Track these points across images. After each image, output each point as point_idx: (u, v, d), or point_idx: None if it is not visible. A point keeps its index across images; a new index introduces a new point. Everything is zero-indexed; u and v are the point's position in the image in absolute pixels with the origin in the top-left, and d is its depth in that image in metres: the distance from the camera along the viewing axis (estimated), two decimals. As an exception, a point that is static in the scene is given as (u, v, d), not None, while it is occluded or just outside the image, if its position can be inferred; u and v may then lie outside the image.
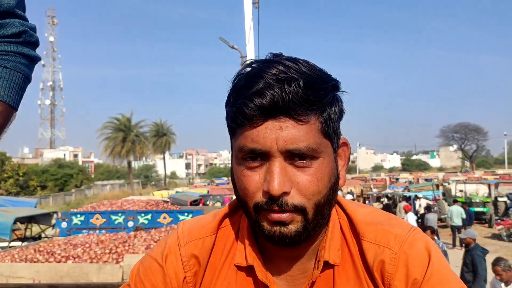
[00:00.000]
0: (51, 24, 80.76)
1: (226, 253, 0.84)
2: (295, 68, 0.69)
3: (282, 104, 0.67)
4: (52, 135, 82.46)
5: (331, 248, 0.80)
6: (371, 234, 0.80)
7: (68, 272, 5.15)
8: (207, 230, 0.85)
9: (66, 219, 12.14)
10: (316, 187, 0.71)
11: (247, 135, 0.71)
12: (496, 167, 76.54)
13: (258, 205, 0.71)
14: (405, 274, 0.76)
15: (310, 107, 0.69)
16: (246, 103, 0.69)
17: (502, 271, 5.46)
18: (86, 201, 36.70)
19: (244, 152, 0.72)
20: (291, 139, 0.69)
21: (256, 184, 0.71)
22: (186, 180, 71.05)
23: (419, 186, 27.21)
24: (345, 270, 0.80)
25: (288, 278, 0.82)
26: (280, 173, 0.69)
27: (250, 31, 10.97)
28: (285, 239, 0.72)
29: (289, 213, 0.70)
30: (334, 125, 0.74)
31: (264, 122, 0.69)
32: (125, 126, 41.62)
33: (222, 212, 0.88)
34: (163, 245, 0.86)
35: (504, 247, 14.40)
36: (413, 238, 0.79)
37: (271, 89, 0.67)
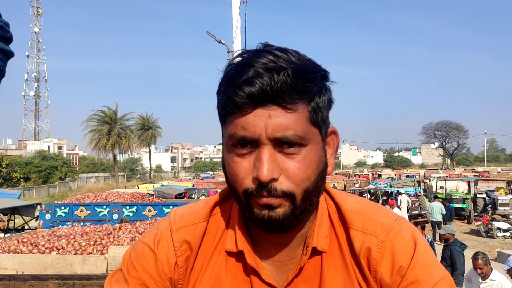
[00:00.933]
0: (36, 15, 79.32)
1: (217, 239, 0.86)
2: (285, 57, 0.71)
3: (271, 92, 0.69)
4: (36, 126, 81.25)
5: (319, 235, 0.81)
6: (358, 222, 0.81)
7: (52, 264, 5.16)
8: (198, 216, 0.86)
9: (50, 211, 12.07)
10: (305, 173, 0.73)
11: (237, 123, 0.72)
12: (476, 164, 77.80)
13: (248, 191, 0.73)
14: (391, 261, 0.78)
15: (298, 96, 0.70)
16: (236, 91, 0.70)
17: (484, 265, 5.61)
18: (70, 193, 36.33)
19: (234, 139, 0.73)
20: (279, 127, 0.70)
21: (246, 171, 0.73)
22: (171, 173, 70.73)
23: (401, 182, 27.57)
24: (333, 257, 0.82)
25: (277, 264, 0.84)
26: (269, 160, 0.70)
27: (237, 26, 10.99)
28: (274, 222, 0.73)
29: (278, 198, 0.72)
30: (322, 114, 0.75)
31: (253, 110, 0.70)
32: (110, 119, 41.23)
33: (214, 199, 0.89)
34: (155, 231, 0.87)
35: (482, 243, 14.75)
36: (400, 227, 0.81)
37: (261, 78, 0.69)
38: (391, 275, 0.78)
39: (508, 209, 18.78)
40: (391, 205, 16.38)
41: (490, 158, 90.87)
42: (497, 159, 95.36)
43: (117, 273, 0.88)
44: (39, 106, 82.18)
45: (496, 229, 15.66)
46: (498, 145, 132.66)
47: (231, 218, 0.87)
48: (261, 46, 0.75)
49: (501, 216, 18.79)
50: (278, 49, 0.73)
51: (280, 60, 0.70)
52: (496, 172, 44.33)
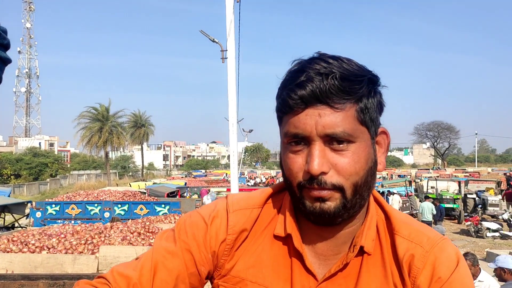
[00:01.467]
0: (28, 10, 78.55)
1: (266, 224, 0.92)
2: (335, 64, 0.78)
3: (320, 94, 0.76)
4: (27, 123, 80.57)
5: (367, 237, 0.86)
6: (406, 231, 0.87)
7: (43, 263, 5.14)
8: (255, 202, 0.94)
9: (41, 209, 12.00)
10: (353, 168, 0.78)
11: (291, 122, 0.80)
12: (466, 165, 78.42)
13: (300, 184, 0.80)
14: (431, 272, 0.83)
15: (346, 97, 0.77)
16: (289, 94, 0.79)
17: (472, 266, 5.68)
18: (61, 190, 36.10)
19: (289, 137, 0.81)
20: (328, 125, 0.77)
21: (299, 166, 0.80)
22: (163, 171, 70.51)
23: (392, 182, 27.72)
24: (373, 260, 0.87)
25: (320, 257, 0.88)
26: (319, 155, 0.77)
27: (231, 25, 10.96)
28: (325, 214, 0.79)
29: (328, 191, 0.78)
30: (371, 114, 0.81)
31: (304, 110, 0.78)
32: (102, 116, 40.98)
33: (269, 190, 0.97)
34: (212, 207, 0.95)
35: (472, 243, 14.87)
36: (446, 244, 0.86)
37: (312, 82, 0.77)
38: (429, 285, 0.83)
39: (497, 210, 18.98)
40: None
41: (481, 158, 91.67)
42: (487, 159, 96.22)
43: (168, 232, 0.95)
44: (30, 102, 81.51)
45: (486, 229, 15.80)
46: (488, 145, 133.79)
47: (282, 208, 0.93)
48: (316, 55, 0.82)
49: (490, 216, 18.98)
50: (330, 57, 0.80)
51: (331, 65, 0.78)
52: (487, 173, 44.69)
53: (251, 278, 0.89)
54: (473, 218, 16.58)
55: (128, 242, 5.95)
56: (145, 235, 6.42)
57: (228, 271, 0.91)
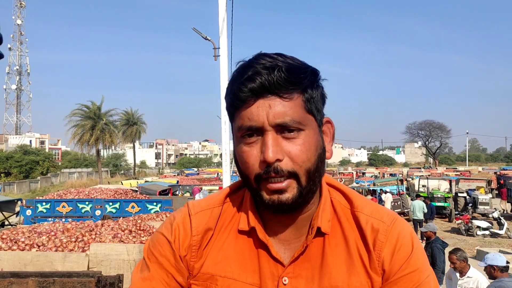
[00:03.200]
0: (18, 7, 77.78)
1: (229, 220, 0.96)
2: (280, 59, 0.83)
3: (269, 85, 0.81)
4: (18, 120, 79.83)
5: (323, 218, 0.92)
6: (367, 209, 0.94)
7: (32, 260, 5.09)
8: (214, 202, 0.98)
9: (31, 207, 11.89)
10: (305, 155, 0.83)
11: (243, 115, 0.84)
12: (457, 164, 79.01)
13: (257, 175, 0.84)
14: (394, 244, 0.90)
15: (292, 87, 0.82)
16: (240, 88, 0.83)
17: (457, 260, 5.74)
18: (52, 188, 35.85)
19: (243, 130, 0.84)
20: (278, 114, 0.81)
21: (254, 158, 0.84)
22: (155, 170, 70.27)
23: (384, 180, 27.86)
24: (335, 239, 0.92)
25: (284, 242, 0.93)
26: (273, 143, 0.81)
27: (224, 23, 10.94)
28: (283, 205, 0.84)
29: (285, 180, 0.83)
30: (316, 104, 0.86)
31: (255, 101, 0.82)
32: (94, 114, 40.72)
33: (227, 189, 1.01)
34: (170, 221, 0.97)
35: (462, 241, 15.00)
36: (401, 220, 0.94)
37: (260, 75, 0.81)
38: (392, 257, 0.89)
39: (487, 208, 19.14)
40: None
41: (472, 157, 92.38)
42: (478, 158, 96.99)
43: (140, 262, 0.99)
44: (21, 99, 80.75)
45: (476, 228, 15.94)
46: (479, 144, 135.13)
47: (243, 203, 0.98)
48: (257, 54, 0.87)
49: (481, 215, 19.13)
50: (275, 54, 0.86)
51: (276, 60, 0.83)
52: (477, 172, 45.04)
53: (220, 273, 0.93)
54: (463, 217, 16.71)
55: (119, 239, 5.92)
56: (137, 232, 6.38)
57: (198, 270, 0.94)
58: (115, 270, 4.98)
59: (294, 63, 0.84)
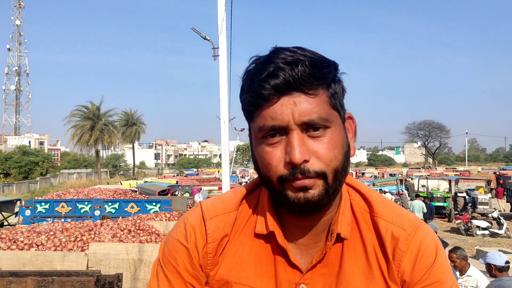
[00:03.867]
0: (17, 7, 77.75)
1: (244, 223, 0.92)
2: (300, 52, 0.79)
3: (294, 81, 0.76)
4: (17, 121, 79.77)
5: (342, 223, 0.87)
6: (388, 214, 0.89)
7: (31, 260, 5.08)
8: (230, 206, 0.93)
9: (30, 207, 11.88)
10: (333, 153, 0.79)
11: (265, 114, 0.78)
12: (457, 164, 79.11)
13: (282, 177, 0.79)
14: (415, 254, 0.85)
15: (317, 82, 0.78)
16: (262, 85, 0.77)
17: (457, 259, 5.75)
18: (51, 189, 35.79)
19: (265, 130, 0.79)
20: (304, 112, 0.77)
21: (278, 158, 0.79)
22: (155, 170, 70.26)
23: (384, 180, 27.86)
24: (354, 245, 0.88)
25: (302, 247, 0.89)
26: (300, 143, 0.77)
27: (223, 23, 10.93)
28: (310, 203, 0.79)
29: (312, 179, 0.78)
30: (340, 99, 0.83)
31: (279, 99, 0.77)
32: (93, 114, 40.67)
33: (243, 190, 0.96)
34: (183, 225, 0.93)
35: (462, 241, 14.99)
36: (424, 226, 0.89)
37: (282, 70, 0.76)
38: (413, 267, 0.85)
39: (487, 208, 19.13)
40: None
41: (471, 157, 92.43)
42: (477, 158, 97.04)
43: (157, 270, 0.94)
44: (20, 100, 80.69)
45: (476, 227, 15.93)
46: (478, 144, 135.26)
47: (259, 205, 0.93)
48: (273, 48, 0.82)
49: (480, 215, 19.12)
50: (293, 47, 0.81)
51: (297, 54, 0.78)
52: (477, 172, 45.07)
53: (234, 279, 0.89)
54: (463, 217, 16.70)
55: (118, 239, 5.91)
56: (136, 232, 6.38)
57: (213, 278, 0.91)
58: (114, 270, 4.97)
59: (316, 56, 0.80)
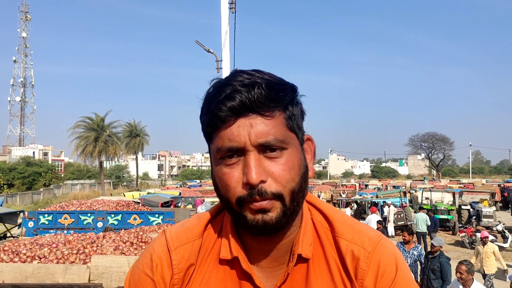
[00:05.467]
0: (24, 20, 78.81)
1: (210, 250, 0.91)
2: (258, 75, 0.80)
3: (250, 103, 0.77)
4: (21, 132, 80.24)
5: (303, 243, 0.87)
6: (348, 234, 0.89)
7: (34, 273, 5.08)
8: (194, 234, 0.92)
9: (33, 218, 11.88)
10: (289, 175, 0.79)
11: (223, 136, 0.79)
12: (461, 176, 78.77)
13: (240, 198, 0.78)
14: (376, 271, 0.86)
15: (273, 104, 0.79)
16: (219, 106, 0.78)
17: (466, 272, 5.72)
18: (55, 200, 35.82)
19: (222, 151, 0.79)
20: (261, 133, 0.77)
21: (236, 180, 0.79)
22: (158, 181, 70.24)
23: (387, 193, 27.69)
24: (318, 264, 0.88)
25: (266, 270, 0.89)
26: (256, 164, 0.77)
27: (226, 36, 11.04)
28: (267, 226, 0.79)
29: (270, 201, 0.78)
30: (297, 122, 0.83)
31: (236, 120, 0.78)
32: (98, 125, 40.83)
33: (206, 216, 0.95)
34: (148, 256, 0.92)
35: (466, 254, 14.86)
36: (384, 242, 0.89)
37: (239, 93, 0.77)
38: (375, 285, 0.86)
39: (491, 221, 19.00)
40: (372, 211, 17.20)
41: (475, 169, 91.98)
42: (482, 171, 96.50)
43: None
44: (25, 111, 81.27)
45: (480, 241, 15.80)
46: (483, 157, 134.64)
47: (223, 230, 0.92)
48: (233, 71, 0.83)
49: (485, 228, 18.99)
50: (251, 70, 0.82)
51: (254, 77, 0.79)
52: (481, 184, 44.81)
53: None
54: (467, 230, 16.58)
55: (121, 252, 5.90)
56: (138, 244, 6.36)
57: None
58: (116, 283, 4.96)
59: (273, 79, 0.81)
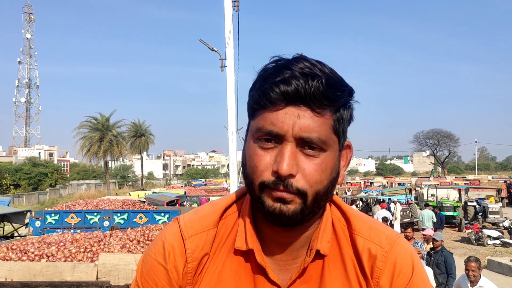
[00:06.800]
0: (28, 21, 79.16)
1: (225, 238, 0.90)
2: (319, 67, 0.77)
3: (304, 94, 0.74)
4: (27, 133, 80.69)
5: (323, 239, 0.86)
6: (365, 231, 0.88)
7: (42, 271, 5.12)
8: (209, 223, 0.90)
9: (40, 218, 11.98)
10: (319, 176, 0.78)
11: (267, 117, 0.77)
12: (466, 172, 78.45)
13: (264, 183, 0.77)
14: (392, 270, 0.86)
15: (327, 103, 0.76)
16: (272, 87, 0.76)
17: (477, 268, 5.73)
18: (61, 200, 36.02)
19: (262, 132, 0.78)
20: (306, 127, 0.75)
21: (266, 164, 0.77)
22: (163, 181, 70.43)
23: (393, 190, 27.65)
24: (334, 261, 0.88)
25: (280, 263, 0.88)
26: (290, 157, 0.75)
27: (230, 34, 11.04)
28: (283, 216, 0.78)
29: (292, 194, 0.76)
30: (344, 126, 0.81)
31: (285, 107, 0.76)
32: (102, 126, 40.99)
33: (222, 204, 0.93)
34: (161, 244, 0.90)
35: (473, 251, 14.82)
36: (401, 241, 0.90)
37: (297, 80, 0.75)
38: (391, 284, 0.86)
39: (498, 217, 18.93)
40: (382, 207, 17.24)
41: (481, 166, 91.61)
42: (487, 167, 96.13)
43: None
44: (30, 112, 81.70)
45: (487, 237, 15.76)
46: (488, 153, 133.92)
47: (241, 217, 0.91)
48: (296, 55, 0.81)
49: (491, 224, 18.92)
50: (315, 60, 0.79)
51: (316, 68, 0.77)
52: (487, 180, 44.65)
53: None
54: (473, 226, 16.54)
55: (128, 250, 5.94)
56: (145, 243, 6.40)
57: None
58: (123, 280, 4.99)
59: (334, 76, 0.78)
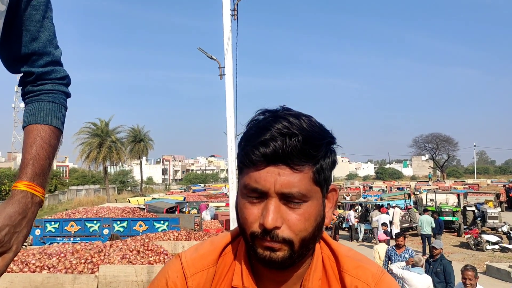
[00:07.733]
0: (27, 26, 79.13)
1: (224, 275, 0.97)
2: (297, 124, 0.83)
3: (282, 154, 0.81)
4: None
5: (314, 278, 0.94)
6: (353, 270, 0.95)
7: (43, 283, 5.16)
8: (210, 261, 0.98)
9: (40, 226, 11.99)
10: (303, 225, 0.84)
11: (252, 176, 0.85)
12: (466, 176, 78.40)
13: (254, 234, 0.85)
14: None
15: (305, 159, 0.83)
16: (253, 150, 0.83)
17: (474, 277, 5.75)
18: (60, 206, 36.00)
19: (248, 190, 0.86)
20: (286, 184, 0.82)
21: (254, 217, 0.85)
22: (162, 186, 70.36)
23: (392, 195, 27.64)
24: None
25: None
26: (274, 211, 0.83)
27: (229, 43, 11.11)
28: (274, 262, 0.86)
29: (279, 243, 0.84)
30: (325, 174, 0.87)
31: (266, 167, 0.83)
32: (102, 131, 41.00)
33: (221, 242, 1.01)
34: (164, 281, 0.98)
35: (472, 256, 14.87)
36: (385, 278, 0.96)
37: (275, 141, 0.82)
38: None
39: (497, 222, 18.98)
40: (383, 212, 17.45)
41: (480, 170, 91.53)
42: (487, 171, 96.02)
43: None
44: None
45: (485, 242, 15.81)
46: (487, 157, 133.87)
47: (237, 256, 0.98)
48: (279, 108, 0.89)
49: (490, 229, 18.97)
50: (292, 115, 0.85)
51: (293, 126, 0.83)
52: (486, 184, 44.63)
53: None
54: (472, 231, 16.58)
55: (128, 260, 5.97)
56: (145, 253, 6.44)
57: None
58: (124, 292, 5.03)
59: (311, 130, 0.84)
